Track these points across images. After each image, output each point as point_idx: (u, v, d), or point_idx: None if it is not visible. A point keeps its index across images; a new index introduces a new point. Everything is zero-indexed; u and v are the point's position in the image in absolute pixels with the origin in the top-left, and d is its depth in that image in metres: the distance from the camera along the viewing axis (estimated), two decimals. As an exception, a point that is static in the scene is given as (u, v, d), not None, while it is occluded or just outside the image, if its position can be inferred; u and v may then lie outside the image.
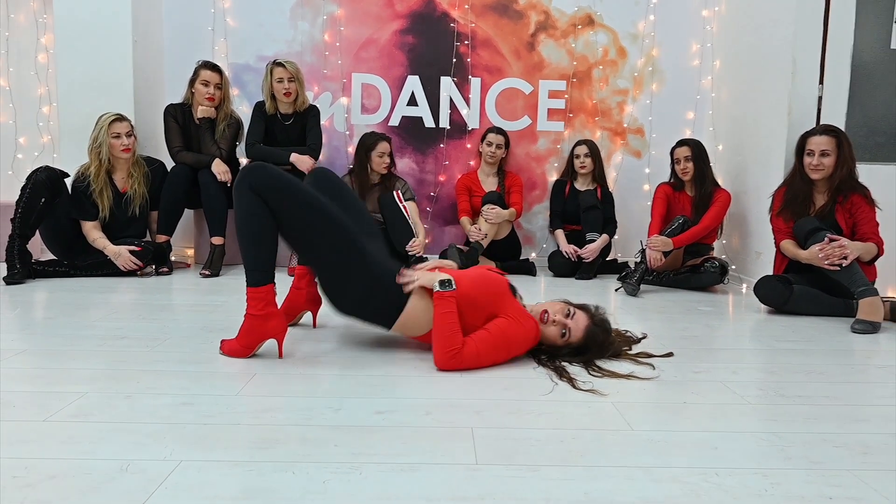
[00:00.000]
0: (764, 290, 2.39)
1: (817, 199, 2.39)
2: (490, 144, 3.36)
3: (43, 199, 2.68)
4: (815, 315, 2.33)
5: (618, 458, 1.08)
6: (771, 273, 2.55)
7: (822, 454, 1.12)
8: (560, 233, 3.34)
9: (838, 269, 2.16)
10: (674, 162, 3.07)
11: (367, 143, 3.21)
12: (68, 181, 2.85)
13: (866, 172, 2.57)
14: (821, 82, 2.79)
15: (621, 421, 1.25)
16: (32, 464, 1.01)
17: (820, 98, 2.79)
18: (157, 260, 2.96)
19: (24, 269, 2.66)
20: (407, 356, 1.67)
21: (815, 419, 1.29)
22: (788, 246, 2.37)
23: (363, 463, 1.04)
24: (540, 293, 2.84)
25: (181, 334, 1.85)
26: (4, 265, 2.77)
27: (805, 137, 2.39)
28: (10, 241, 2.67)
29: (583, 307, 1.66)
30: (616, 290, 2.83)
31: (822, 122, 2.75)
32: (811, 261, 2.24)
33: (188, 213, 3.28)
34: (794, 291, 2.31)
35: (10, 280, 2.60)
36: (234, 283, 2.78)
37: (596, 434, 1.18)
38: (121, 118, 2.85)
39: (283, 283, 2.59)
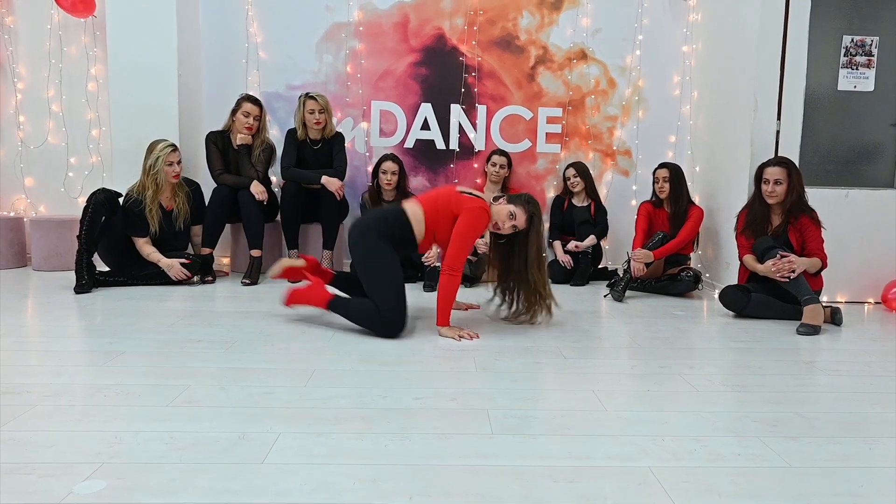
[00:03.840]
0: (726, 297, 2.81)
1: (773, 220, 2.81)
2: (494, 165, 3.76)
3: (103, 218, 3.03)
4: (770, 318, 2.74)
5: (593, 429, 1.50)
6: (736, 281, 2.98)
7: (741, 426, 1.54)
8: (557, 244, 3.75)
9: (788, 280, 2.58)
10: (654, 181, 3.49)
11: (377, 163, 3.60)
12: (120, 200, 3.17)
13: (817, 195, 3.00)
14: (778, 118, 3.18)
15: (599, 404, 1.67)
16: (175, 435, 1.40)
17: (778, 132, 3.19)
18: (202, 270, 3.32)
19: (90, 280, 3.01)
20: (435, 356, 2.08)
21: (744, 402, 1.71)
22: (749, 260, 2.79)
23: (410, 433, 1.44)
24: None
25: (245, 338, 2.23)
26: (57, 275, 3.13)
27: (762, 168, 2.81)
28: (79, 255, 3.01)
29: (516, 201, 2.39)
30: (604, 296, 3.26)
31: (779, 153, 3.16)
32: (766, 273, 2.65)
33: (226, 227, 3.67)
34: (752, 298, 2.73)
35: (80, 290, 2.94)
36: (272, 292, 3.14)
37: (579, 413, 1.60)
38: (175, 148, 3.17)
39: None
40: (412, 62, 3.95)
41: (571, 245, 3.61)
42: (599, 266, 3.82)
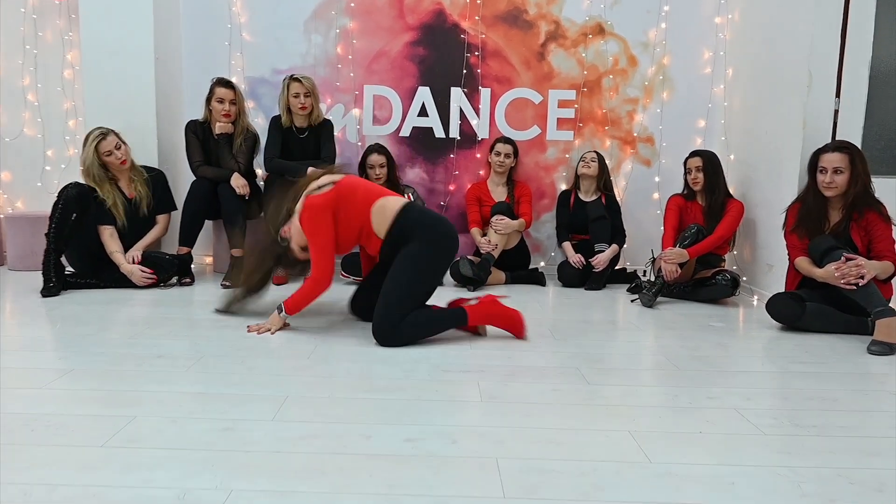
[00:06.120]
0: (777, 307, 2.41)
1: (832, 215, 2.40)
2: (498, 154, 3.40)
3: (74, 215, 2.76)
4: (828, 332, 2.35)
5: (637, 492, 1.14)
6: (783, 287, 2.58)
7: (837, 491, 1.16)
8: (567, 245, 3.37)
9: (855, 288, 2.17)
10: (685, 171, 3.10)
11: (362, 157, 3.36)
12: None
13: (884, 186, 2.58)
14: (837, 95, 2.76)
15: (639, 452, 1.30)
16: (99, 491, 1.09)
17: (836, 111, 2.76)
18: (180, 271, 3.05)
19: (59, 283, 2.76)
20: (431, 378, 1.73)
21: (831, 452, 1.33)
22: (803, 263, 2.38)
23: (399, 495, 1.10)
24: (549, 303, 2.89)
25: (213, 353, 1.93)
26: (31, 276, 2.86)
27: (817, 154, 2.40)
28: (46, 255, 2.75)
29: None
30: (632, 300, 2.88)
31: (837, 137, 2.75)
32: (827, 279, 2.24)
33: (207, 224, 3.36)
34: (808, 309, 2.33)
35: (48, 293, 2.70)
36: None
37: (615, 466, 1.24)
38: (104, 135, 2.84)
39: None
40: (408, 41, 3.59)
41: (594, 261, 3.20)
42: (617, 268, 3.43)
